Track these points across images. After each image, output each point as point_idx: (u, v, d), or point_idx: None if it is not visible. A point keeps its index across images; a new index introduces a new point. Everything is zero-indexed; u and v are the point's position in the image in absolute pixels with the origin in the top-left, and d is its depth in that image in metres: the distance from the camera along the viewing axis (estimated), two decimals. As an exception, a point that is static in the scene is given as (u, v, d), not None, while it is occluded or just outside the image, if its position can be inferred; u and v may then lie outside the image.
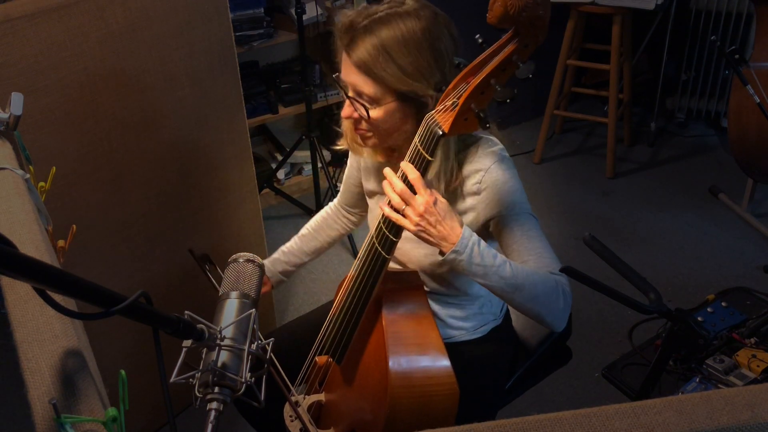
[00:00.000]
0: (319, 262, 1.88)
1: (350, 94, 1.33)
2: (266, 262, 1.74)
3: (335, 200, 1.78)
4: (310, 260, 1.79)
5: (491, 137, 1.39)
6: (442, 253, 1.22)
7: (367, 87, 1.29)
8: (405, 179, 1.21)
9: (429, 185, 1.22)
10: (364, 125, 1.35)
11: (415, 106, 1.31)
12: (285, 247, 1.77)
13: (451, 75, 1.24)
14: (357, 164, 1.63)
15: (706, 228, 3.11)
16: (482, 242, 1.23)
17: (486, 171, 1.32)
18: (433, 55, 1.26)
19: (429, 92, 1.27)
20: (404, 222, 1.20)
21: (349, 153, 1.60)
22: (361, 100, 1.31)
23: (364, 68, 1.27)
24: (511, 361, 1.65)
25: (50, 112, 1.62)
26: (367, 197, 1.62)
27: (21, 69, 1.52)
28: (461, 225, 1.22)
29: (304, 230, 1.78)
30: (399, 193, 1.21)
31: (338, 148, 1.52)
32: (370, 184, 1.57)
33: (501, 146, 1.38)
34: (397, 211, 1.22)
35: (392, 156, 1.46)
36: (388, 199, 1.24)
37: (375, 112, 1.31)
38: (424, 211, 1.18)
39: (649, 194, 3.39)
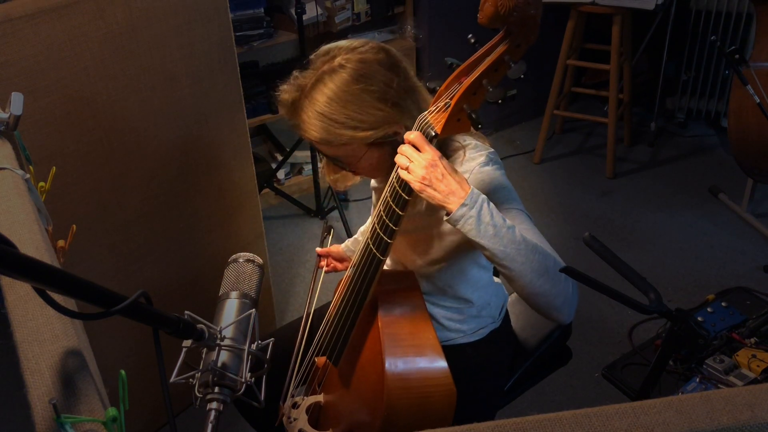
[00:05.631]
0: (320, 263, 1.91)
1: (326, 157, 1.40)
2: (348, 241, 1.82)
3: None
4: None
5: (480, 143, 1.37)
6: (448, 213, 1.16)
7: (335, 152, 1.34)
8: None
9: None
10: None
11: (389, 143, 1.32)
12: (363, 228, 1.82)
13: (408, 96, 1.29)
14: None
15: (706, 228, 3.11)
16: (491, 202, 1.18)
17: (471, 173, 1.30)
18: (375, 96, 1.26)
19: (395, 128, 1.29)
20: (409, 177, 1.15)
21: None
22: (337, 161, 1.38)
23: (322, 142, 1.31)
24: (511, 361, 1.65)
25: (50, 112, 1.62)
26: (373, 194, 1.62)
27: (21, 69, 1.52)
28: (468, 184, 1.17)
29: None
30: (403, 152, 1.17)
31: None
32: (372, 181, 1.58)
33: (490, 150, 1.36)
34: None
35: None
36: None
37: (354, 164, 1.36)
38: (429, 164, 1.14)
39: (649, 194, 3.38)
